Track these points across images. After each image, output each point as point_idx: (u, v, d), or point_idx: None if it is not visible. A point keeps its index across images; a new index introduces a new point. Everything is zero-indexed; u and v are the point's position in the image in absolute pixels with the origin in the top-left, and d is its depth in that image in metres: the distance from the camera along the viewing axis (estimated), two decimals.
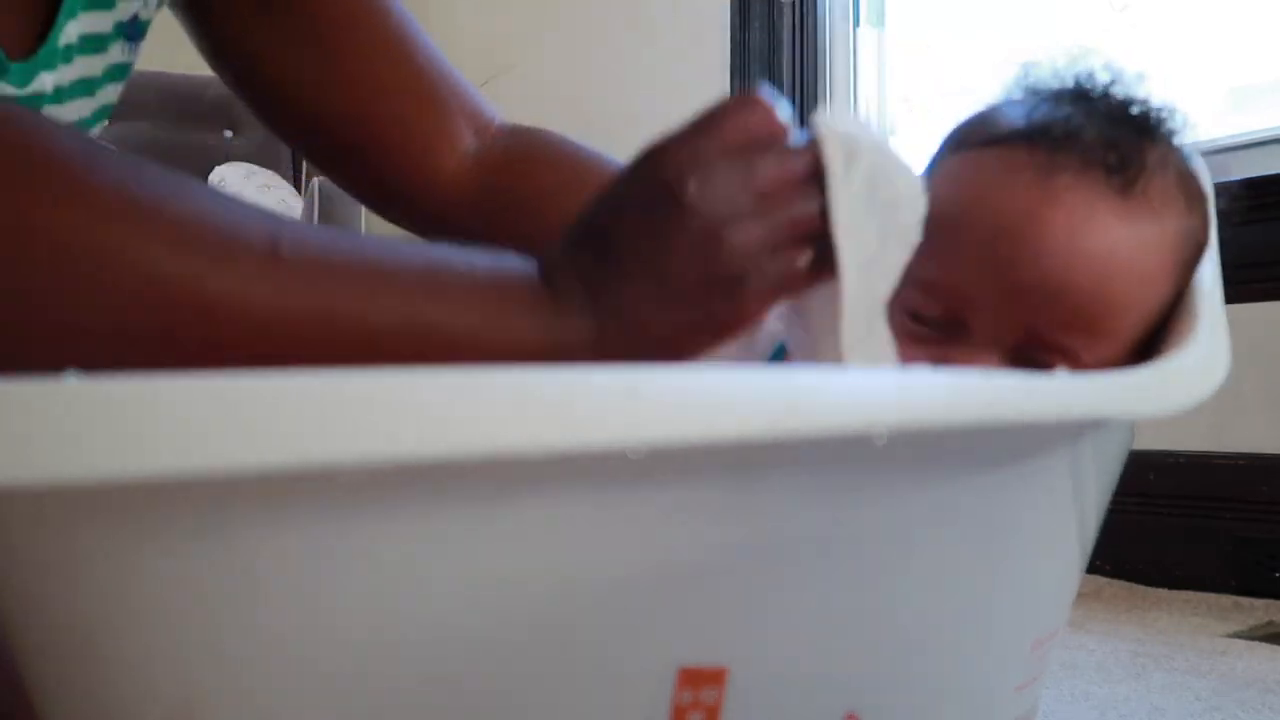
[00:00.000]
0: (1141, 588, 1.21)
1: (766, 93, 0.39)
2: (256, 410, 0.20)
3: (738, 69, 1.88)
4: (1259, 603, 1.11)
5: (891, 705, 0.34)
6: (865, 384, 0.26)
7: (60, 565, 0.23)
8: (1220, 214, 0.50)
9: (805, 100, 1.85)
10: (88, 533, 0.23)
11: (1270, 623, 1.04)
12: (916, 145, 1.60)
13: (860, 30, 1.84)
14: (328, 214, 2.04)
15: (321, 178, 2.11)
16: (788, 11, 1.85)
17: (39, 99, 0.46)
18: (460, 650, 0.26)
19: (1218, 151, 1.31)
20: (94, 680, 0.25)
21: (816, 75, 1.85)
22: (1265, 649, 0.93)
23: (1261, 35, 1.35)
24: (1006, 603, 0.38)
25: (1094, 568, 1.26)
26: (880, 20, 1.83)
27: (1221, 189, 0.50)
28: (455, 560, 0.25)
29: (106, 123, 0.55)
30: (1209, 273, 0.47)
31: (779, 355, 0.69)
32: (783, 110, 0.38)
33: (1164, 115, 0.47)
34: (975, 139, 0.47)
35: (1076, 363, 0.43)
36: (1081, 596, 1.16)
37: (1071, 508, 0.39)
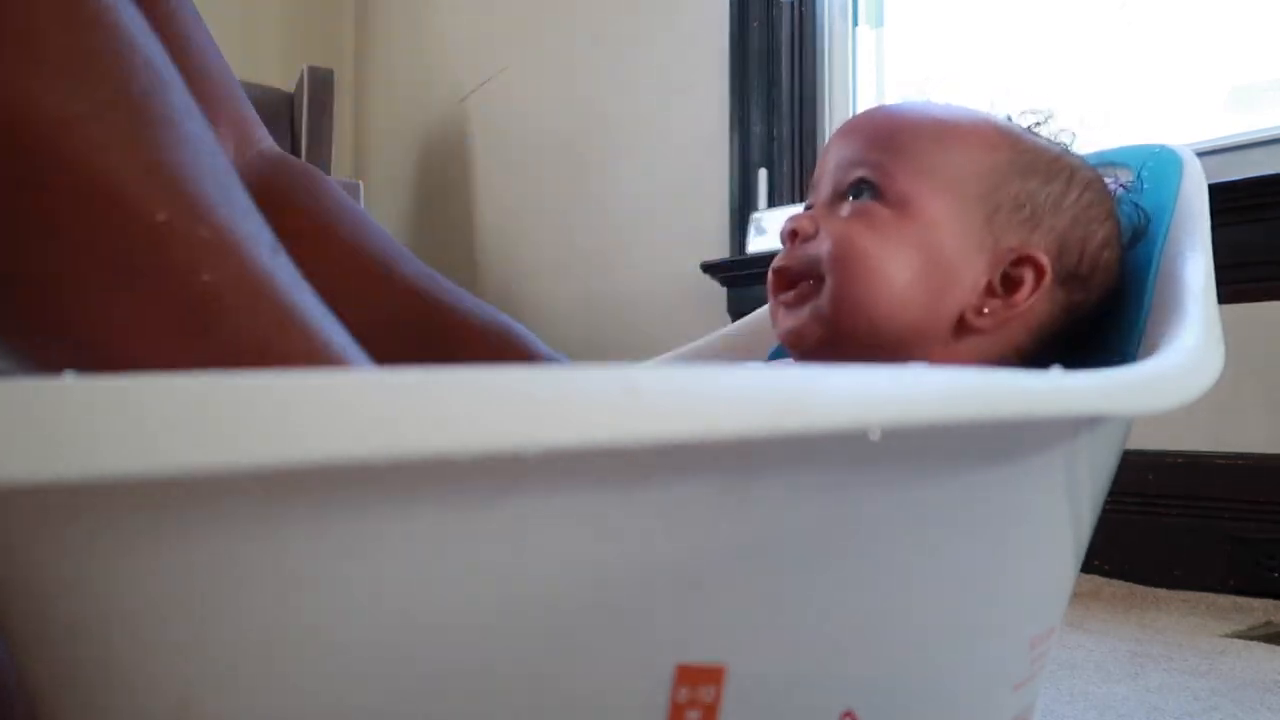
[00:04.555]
0: (1140, 587, 1.21)
1: None
2: (256, 409, 0.20)
3: (737, 69, 1.88)
4: (1257, 603, 1.12)
5: (889, 703, 0.34)
6: (863, 382, 0.26)
7: (58, 564, 0.23)
8: (1219, 214, 0.51)
9: (804, 100, 1.85)
10: (86, 532, 0.23)
11: (1269, 623, 1.05)
12: None
13: (859, 30, 1.84)
14: None
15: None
16: (787, 11, 1.85)
17: None
18: (458, 649, 0.26)
19: (1218, 151, 1.31)
20: (93, 679, 0.25)
21: (815, 75, 1.85)
22: (1263, 649, 0.93)
23: (1261, 35, 1.35)
24: (1003, 600, 0.38)
25: (1092, 567, 1.26)
26: (879, 20, 1.83)
27: (1221, 189, 0.53)
28: (453, 559, 0.25)
29: None
30: (1201, 270, 0.47)
31: (779, 355, 0.70)
32: None
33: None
34: None
35: (877, 169, 0.51)
36: (1080, 596, 1.16)
37: (1067, 504, 0.40)
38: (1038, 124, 0.56)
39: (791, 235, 0.52)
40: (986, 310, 0.50)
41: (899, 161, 0.51)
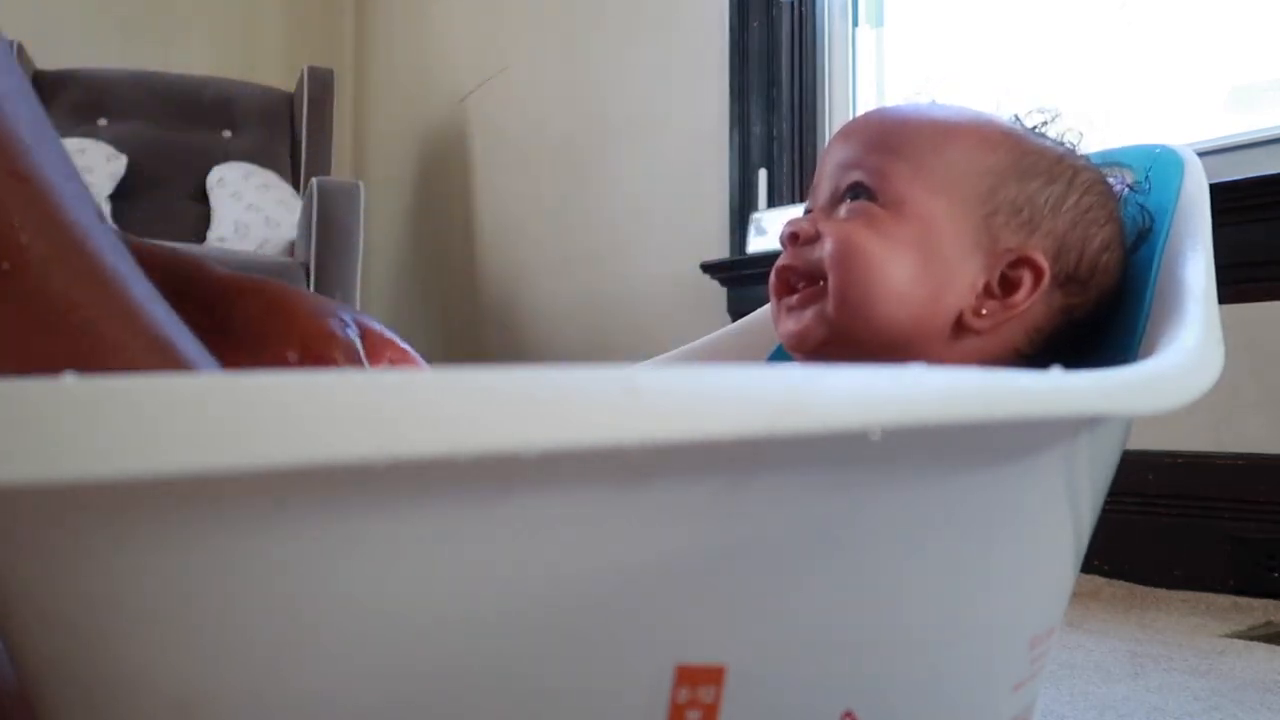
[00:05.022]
0: (1140, 588, 1.21)
1: None
2: (255, 410, 0.20)
3: (737, 69, 1.88)
4: (1257, 603, 1.11)
5: (889, 703, 0.34)
6: (862, 382, 0.26)
7: (58, 565, 0.23)
8: (1219, 214, 0.51)
9: (804, 100, 1.85)
10: (85, 532, 0.23)
11: (1269, 623, 1.05)
12: None
13: (859, 30, 1.84)
14: (327, 214, 2.04)
15: (321, 177, 2.11)
16: (787, 11, 1.85)
17: None
18: (457, 649, 0.26)
19: (1218, 151, 1.31)
20: (92, 680, 0.25)
21: (815, 75, 1.85)
22: (1263, 649, 0.93)
23: (1261, 35, 1.35)
24: (1003, 600, 0.38)
25: (1092, 567, 1.26)
26: (879, 20, 1.83)
27: (1221, 189, 0.53)
28: (453, 559, 0.25)
29: None
30: (1202, 270, 0.47)
31: (778, 355, 0.70)
32: None
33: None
34: None
35: (874, 173, 0.51)
36: (1080, 596, 1.16)
37: (1067, 504, 0.40)
38: (1044, 123, 0.56)
39: (792, 238, 0.53)
40: (985, 311, 0.50)
41: (895, 164, 0.51)
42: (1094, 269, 0.52)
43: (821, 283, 0.51)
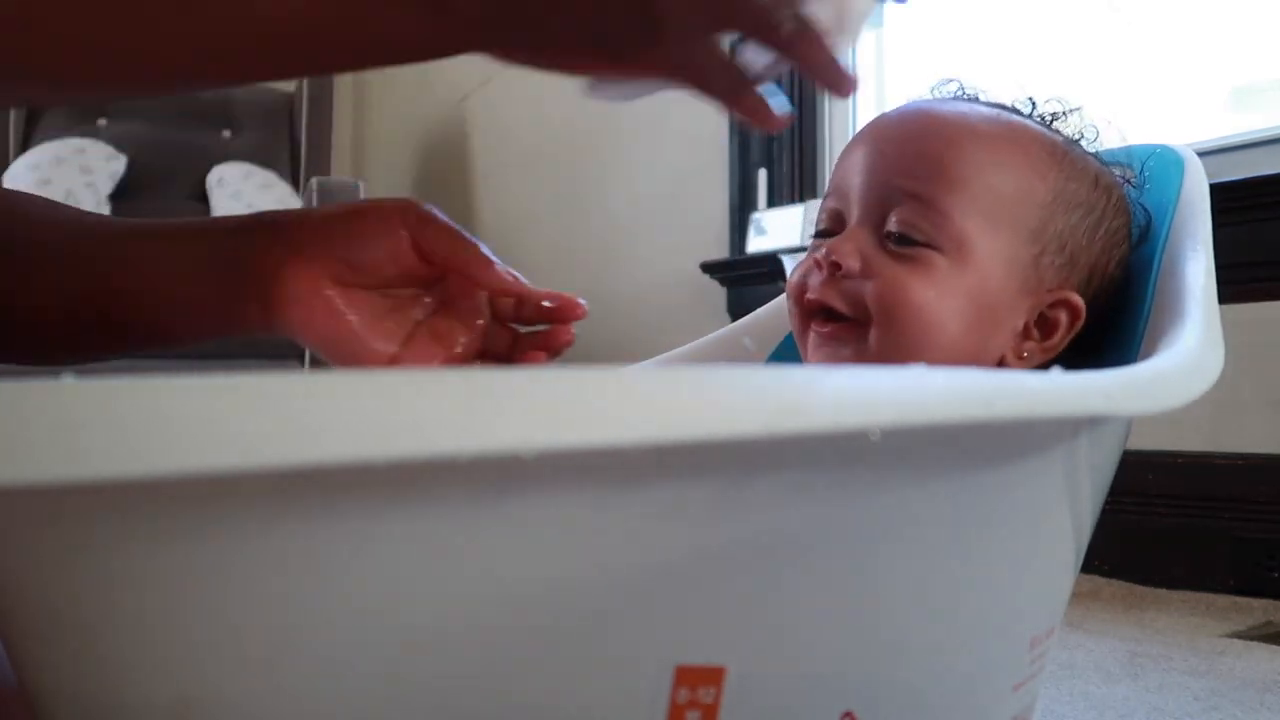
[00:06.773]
0: (1140, 587, 1.21)
1: None
2: (255, 410, 0.20)
3: None
4: (1257, 603, 1.11)
5: (889, 704, 0.34)
6: (863, 383, 0.26)
7: (58, 564, 0.23)
8: (1219, 214, 0.51)
9: (804, 99, 1.85)
10: (86, 532, 0.23)
11: (1268, 623, 1.04)
12: None
13: None
14: None
15: (321, 177, 2.11)
16: None
17: None
18: (457, 649, 0.26)
19: (1218, 151, 1.31)
20: (91, 679, 0.25)
21: None
22: (1263, 649, 0.93)
23: (1261, 35, 1.35)
24: (1003, 601, 0.38)
25: (1092, 567, 1.26)
26: (879, 19, 1.83)
27: (1221, 189, 0.53)
28: (452, 560, 0.25)
29: None
30: (1202, 270, 0.47)
31: (779, 356, 0.70)
32: None
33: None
34: None
35: (932, 208, 0.48)
36: (1080, 596, 1.16)
37: (1067, 504, 0.40)
38: (1063, 113, 0.55)
39: (833, 266, 0.49)
40: (1025, 354, 0.50)
41: (951, 197, 0.48)
42: (1107, 286, 0.52)
43: (859, 323, 0.49)
